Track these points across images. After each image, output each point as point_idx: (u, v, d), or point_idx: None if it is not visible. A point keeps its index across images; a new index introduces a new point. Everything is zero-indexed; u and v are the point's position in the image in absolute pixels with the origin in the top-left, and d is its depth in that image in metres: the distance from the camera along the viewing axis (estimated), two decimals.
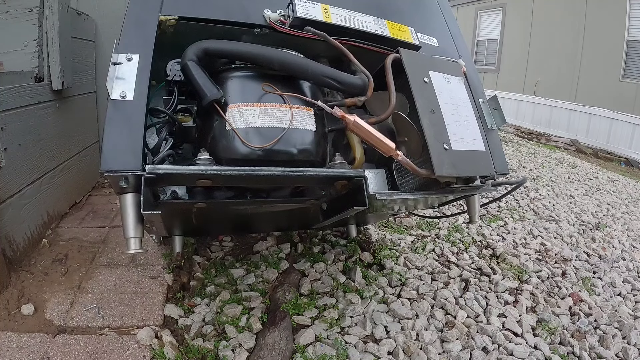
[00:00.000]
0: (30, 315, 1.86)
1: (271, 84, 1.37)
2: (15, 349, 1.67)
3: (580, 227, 3.63)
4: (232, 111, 1.33)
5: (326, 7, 1.58)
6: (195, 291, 2.17)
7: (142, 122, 1.22)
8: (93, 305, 1.96)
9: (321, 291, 2.23)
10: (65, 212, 2.79)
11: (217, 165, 1.27)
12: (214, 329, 1.93)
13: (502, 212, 3.71)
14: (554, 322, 2.18)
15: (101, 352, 1.70)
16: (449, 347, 1.92)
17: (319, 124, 1.44)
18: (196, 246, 2.52)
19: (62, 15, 2.51)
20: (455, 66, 1.75)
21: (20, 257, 2.17)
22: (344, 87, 1.44)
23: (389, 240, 2.85)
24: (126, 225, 1.23)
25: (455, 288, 2.36)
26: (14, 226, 2.13)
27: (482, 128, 1.65)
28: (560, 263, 2.89)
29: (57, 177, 2.64)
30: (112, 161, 1.16)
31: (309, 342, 1.88)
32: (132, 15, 1.37)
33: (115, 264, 2.29)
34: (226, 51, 1.38)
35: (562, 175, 5.51)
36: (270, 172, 1.25)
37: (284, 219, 2.29)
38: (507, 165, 1.72)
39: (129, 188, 1.21)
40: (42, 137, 2.44)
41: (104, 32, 3.30)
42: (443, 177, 1.47)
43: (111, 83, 1.23)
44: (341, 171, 1.39)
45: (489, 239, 3.08)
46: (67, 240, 2.47)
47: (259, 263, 2.42)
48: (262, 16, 1.52)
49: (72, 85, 2.77)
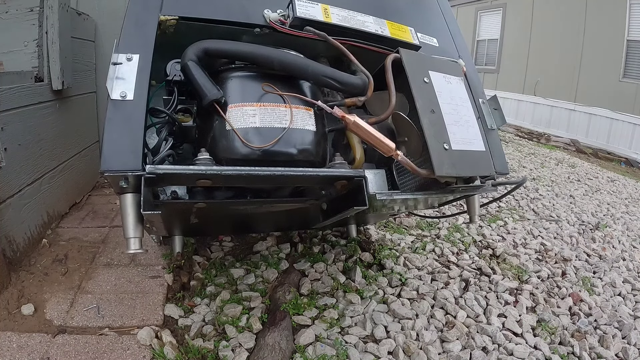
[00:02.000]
0: (30, 315, 1.86)
1: (271, 84, 1.37)
2: (15, 348, 1.67)
3: (580, 227, 3.63)
4: (232, 111, 1.33)
5: (326, 7, 1.58)
6: (195, 291, 2.17)
7: (142, 122, 1.22)
8: (93, 305, 1.96)
9: (321, 291, 2.23)
10: (65, 212, 2.79)
11: (217, 165, 1.27)
12: (214, 329, 1.93)
13: (502, 212, 3.71)
14: (554, 322, 2.18)
15: (101, 352, 1.70)
16: (449, 347, 1.92)
17: (319, 124, 1.44)
18: (196, 246, 2.52)
19: (62, 15, 2.51)
20: (455, 66, 1.75)
21: (20, 257, 2.17)
22: (344, 87, 1.44)
23: (389, 240, 2.85)
24: (126, 225, 1.23)
25: (455, 288, 2.36)
26: (14, 226, 2.13)
27: (482, 128, 1.65)
28: (560, 263, 2.89)
29: (57, 177, 2.64)
30: (112, 161, 1.16)
31: (309, 342, 1.88)
32: (132, 15, 1.37)
33: (115, 264, 2.29)
34: (226, 51, 1.38)
35: (562, 175, 5.51)
36: (270, 172, 1.25)
37: (284, 219, 2.29)
38: (507, 165, 1.72)
39: (129, 188, 1.21)
40: (42, 137, 2.44)
41: (104, 32, 3.30)
42: (443, 177, 1.47)
43: (111, 83, 1.23)
44: (341, 171, 1.39)
45: (489, 239, 3.08)
46: (67, 240, 2.47)
47: (259, 263, 2.42)
48: (262, 16, 1.52)
49: (72, 85, 2.77)
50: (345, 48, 1.53)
